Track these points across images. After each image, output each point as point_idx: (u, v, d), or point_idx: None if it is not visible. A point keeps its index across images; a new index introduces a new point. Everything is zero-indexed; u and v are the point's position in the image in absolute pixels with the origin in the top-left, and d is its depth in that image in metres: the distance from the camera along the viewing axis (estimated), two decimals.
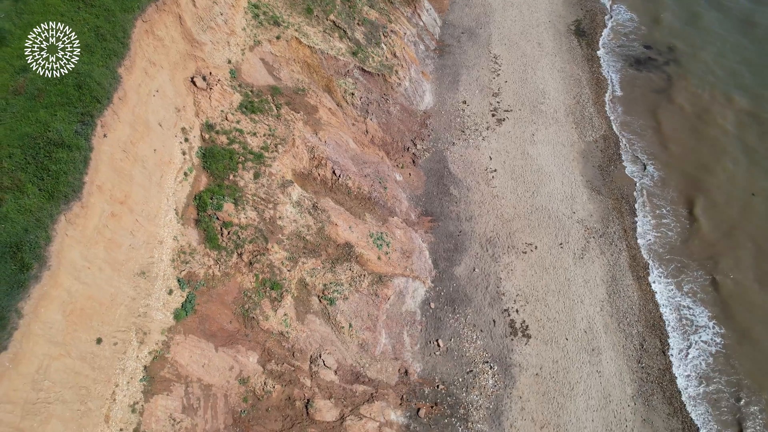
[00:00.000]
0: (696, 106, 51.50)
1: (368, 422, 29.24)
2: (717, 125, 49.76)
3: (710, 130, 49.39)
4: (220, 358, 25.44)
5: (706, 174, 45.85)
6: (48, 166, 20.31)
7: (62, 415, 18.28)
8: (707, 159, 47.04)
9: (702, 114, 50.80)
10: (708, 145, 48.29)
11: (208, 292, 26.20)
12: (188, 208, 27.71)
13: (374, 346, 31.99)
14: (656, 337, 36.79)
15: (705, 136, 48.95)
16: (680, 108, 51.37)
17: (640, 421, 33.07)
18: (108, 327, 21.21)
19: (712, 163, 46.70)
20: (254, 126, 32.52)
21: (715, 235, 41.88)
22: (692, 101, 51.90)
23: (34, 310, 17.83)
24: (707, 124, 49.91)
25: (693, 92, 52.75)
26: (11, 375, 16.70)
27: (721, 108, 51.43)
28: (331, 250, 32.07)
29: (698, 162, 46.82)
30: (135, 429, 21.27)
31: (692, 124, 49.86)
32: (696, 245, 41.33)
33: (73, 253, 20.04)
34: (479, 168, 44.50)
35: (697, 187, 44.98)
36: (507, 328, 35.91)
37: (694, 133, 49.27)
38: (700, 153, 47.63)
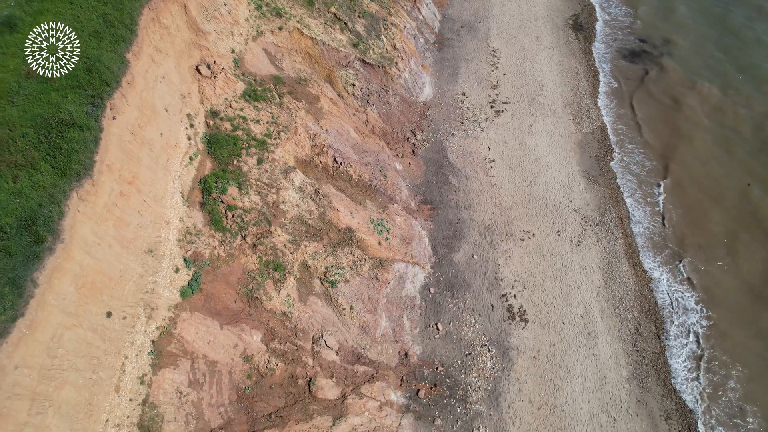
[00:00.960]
0: (689, 97, 52.26)
1: (369, 401, 29.97)
2: (710, 116, 50.54)
3: (704, 122, 50.15)
4: (224, 335, 26.17)
5: (699, 164, 46.60)
6: (60, 145, 21.05)
7: (75, 382, 19.01)
8: (701, 149, 47.79)
9: (695, 105, 51.56)
10: (702, 136, 49.03)
11: (213, 271, 26.95)
12: (193, 191, 28.46)
13: (375, 329, 32.72)
14: (651, 322, 37.49)
15: (699, 128, 49.70)
16: (674, 99, 52.13)
17: (634, 402, 33.78)
18: (117, 302, 21.95)
19: (706, 154, 47.45)
20: (257, 114, 33.25)
21: (709, 224, 42.60)
22: (685, 93, 52.66)
23: (48, 281, 18.57)
24: (700, 115, 50.66)
25: (685, 84, 53.52)
26: (28, 341, 17.44)
27: (713, 99, 52.22)
28: (332, 234, 32.80)
29: (692, 152, 47.57)
30: (144, 400, 22.00)
31: (685, 115, 50.64)
32: (691, 233, 42.04)
33: (85, 229, 20.78)
34: (478, 158, 45.24)
35: (690, 177, 45.72)
36: (505, 313, 36.63)
37: (688, 124, 50.03)
38: (694, 143, 48.37)
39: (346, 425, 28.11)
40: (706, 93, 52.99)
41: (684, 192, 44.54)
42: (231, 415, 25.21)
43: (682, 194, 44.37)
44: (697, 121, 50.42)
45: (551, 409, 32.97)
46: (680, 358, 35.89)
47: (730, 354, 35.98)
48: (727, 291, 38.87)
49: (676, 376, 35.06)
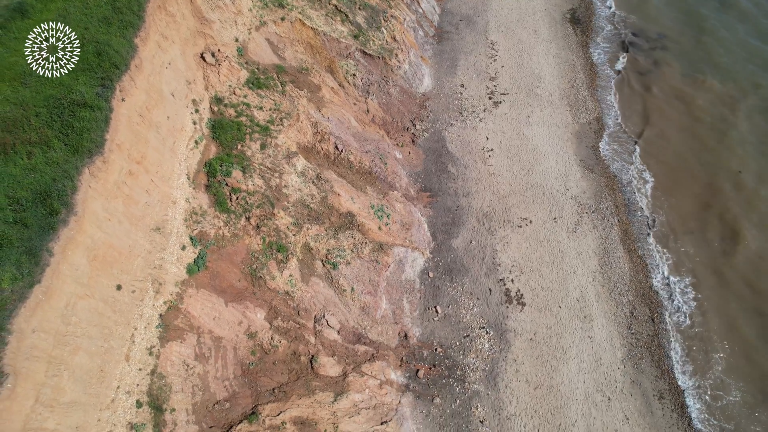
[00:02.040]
0: (682, 88, 53.09)
1: (369, 379, 30.78)
2: (702, 107, 51.33)
3: (696, 112, 50.97)
4: (229, 312, 26.99)
5: (692, 153, 47.44)
6: (72, 123, 21.85)
7: (88, 348, 19.83)
8: (694, 139, 48.63)
9: (688, 97, 52.37)
10: (694, 126, 49.85)
11: (219, 251, 27.77)
12: (199, 174, 29.27)
13: (375, 310, 33.53)
14: (645, 306, 38.30)
15: (691, 118, 50.54)
16: (670, 91, 52.95)
17: (629, 382, 34.59)
18: (127, 276, 22.76)
19: (699, 143, 48.28)
20: (260, 101, 34.07)
21: (702, 210, 43.42)
22: (679, 84, 53.50)
23: (62, 251, 19.38)
24: (693, 106, 51.50)
25: (682, 76, 54.33)
26: (44, 307, 18.26)
27: (706, 91, 53.05)
28: (334, 218, 33.61)
29: (684, 141, 48.38)
30: (152, 370, 22.81)
31: (679, 106, 51.45)
32: (683, 219, 42.86)
33: (96, 205, 21.59)
34: (476, 147, 46.05)
35: (684, 165, 46.56)
36: (502, 297, 37.44)
37: (681, 114, 50.86)
38: (687, 133, 49.21)
39: (348, 401, 28.92)
40: (703, 85, 53.74)
41: (678, 179, 45.36)
42: (236, 389, 26.03)
43: (673, 181, 45.23)
44: (693, 112, 51.18)
45: (548, 389, 33.78)
46: (673, 340, 36.68)
47: (721, 334, 36.81)
48: (718, 274, 39.75)
49: (669, 357, 35.86)
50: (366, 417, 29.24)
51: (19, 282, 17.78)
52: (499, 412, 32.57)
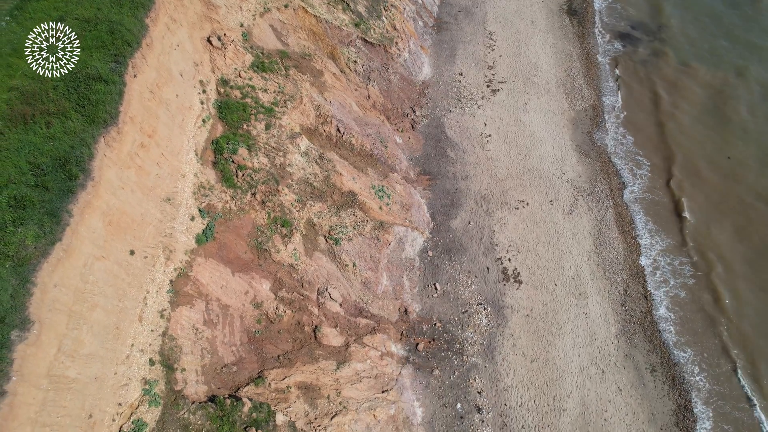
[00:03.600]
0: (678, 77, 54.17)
1: (371, 350, 31.88)
2: (695, 96, 52.44)
3: (689, 100, 52.06)
4: (236, 282, 28.11)
5: (685, 139, 48.55)
6: (88, 96, 22.97)
7: (105, 306, 20.94)
8: (686, 126, 49.71)
9: (684, 85, 53.44)
10: (688, 114, 50.92)
11: (226, 223, 28.88)
12: (206, 151, 30.39)
13: (376, 285, 34.63)
14: (639, 284, 39.38)
15: (685, 105, 51.59)
16: (665, 80, 54.02)
17: (622, 356, 35.69)
18: (139, 242, 23.87)
19: (692, 130, 49.39)
20: (265, 83, 35.19)
21: (694, 195, 44.53)
22: (675, 74, 54.57)
23: (80, 213, 20.50)
24: (686, 94, 52.59)
25: (677, 65, 55.39)
26: (65, 264, 19.37)
27: (701, 80, 54.12)
28: (336, 197, 34.72)
29: (678, 128, 49.49)
30: (163, 332, 23.92)
31: (673, 95, 52.52)
32: (675, 201, 44.01)
33: (111, 173, 22.70)
34: (475, 133, 47.15)
35: (677, 150, 47.66)
36: (500, 275, 38.53)
37: (675, 103, 51.89)
38: (680, 121, 50.25)
39: (350, 369, 30.02)
40: (698, 75, 54.72)
41: (671, 163, 46.51)
42: (242, 354, 27.14)
43: (668, 165, 46.33)
44: (688, 101, 52.21)
45: (543, 362, 34.87)
46: (666, 317, 37.75)
47: (716, 310, 37.94)
48: (711, 252, 40.91)
49: (661, 331, 36.95)
50: (367, 385, 30.33)
51: (41, 239, 18.92)
52: (497, 383, 33.67)
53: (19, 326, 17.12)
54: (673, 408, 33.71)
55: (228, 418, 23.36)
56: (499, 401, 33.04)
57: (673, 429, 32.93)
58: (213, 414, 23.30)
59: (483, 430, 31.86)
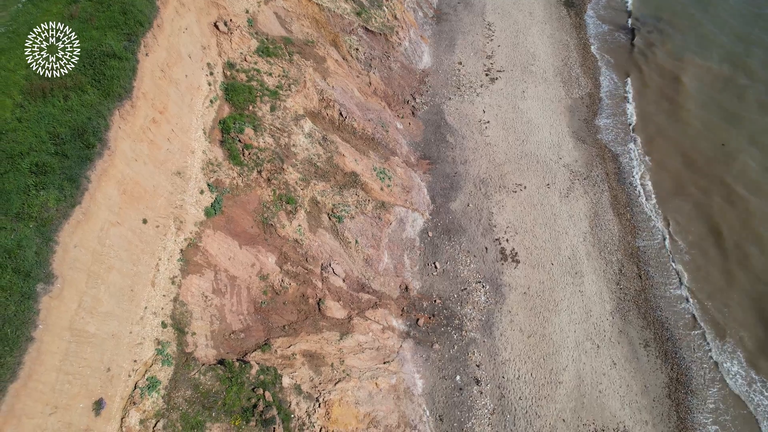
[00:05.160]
0: (674, 68, 55.22)
1: (372, 324, 32.97)
2: (694, 86, 53.45)
3: (685, 90, 53.10)
4: (243, 254, 29.22)
5: (680, 126, 49.63)
6: (103, 71, 24.10)
7: (120, 269, 22.06)
8: (682, 114, 50.78)
9: (680, 75, 54.50)
10: (683, 103, 51.96)
11: (233, 198, 29.99)
12: (214, 130, 31.51)
13: (377, 263, 35.72)
14: (633, 264, 40.44)
15: (680, 95, 52.67)
16: (661, 70, 55.07)
17: (617, 332, 36.74)
18: (151, 212, 25.00)
19: (687, 118, 50.44)
20: (270, 67, 36.30)
21: (689, 180, 45.61)
22: (672, 64, 55.62)
23: (98, 180, 21.63)
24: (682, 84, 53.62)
25: (672, 56, 56.46)
26: (84, 226, 20.50)
27: (697, 70, 55.17)
28: (339, 177, 35.82)
29: (673, 116, 50.55)
30: (174, 297, 25.02)
31: (669, 84, 53.58)
32: (670, 185, 45.10)
33: (125, 145, 23.84)
34: (473, 120, 48.25)
35: (672, 138, 48.73)
36: (498, 255, 39.61)
37: (671, 92, 52.99)
38: (676, 110, 51.32)
39: (353, 340, 31.11)
40: (694, 65, 55.78)
41: (663, 151, 47.64)
42: (249, 323, 28.25)
43: (663, 152, 47.43)
44: (683, 91, 53.25)
45: (540, 337, 35.94)
46: (661, 296, 38.83)
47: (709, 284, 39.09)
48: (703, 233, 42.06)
49: (655, 309, 38.00)
50: (370, 356, 31.42)
51: (62, 202, 20.05)
52: (495, 357, 34.74)
53: (44, 280, 18.24)
54: (665, 380, 34.76)
55: (237, 379, 24.45)
56: (497, 374, 34.11)
57: (665, 400, 33.99)
58: (222, 375, 24.40)
59: (482, 401, 32.92)
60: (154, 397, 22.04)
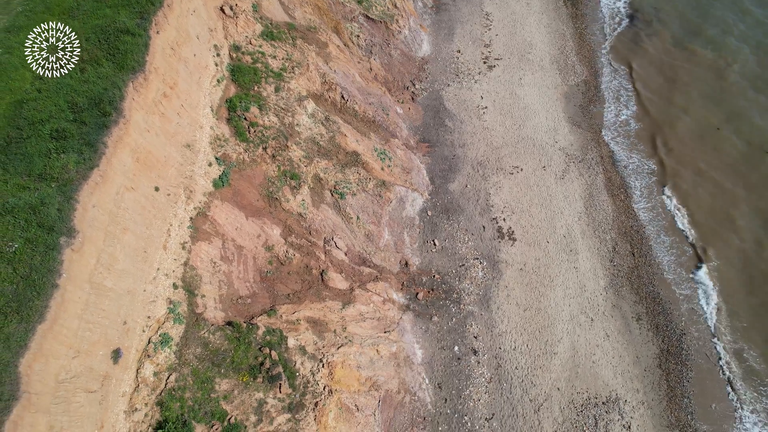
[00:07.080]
0: (672, 57, 56.39)
1: (373, 296, 34.20)
2: (688, 75, 54.64)
3: (682, 78, 54.27)
4: (249, 225, 30.46)
5: (677, 111, 50.82)
6: (118, 46, 25.36)
7: (135, 231, 23.31)
8: (678, 101, 51.96)
9: (678, 64, 55.66)
10: (678, 91, 53.15)
11: (240, 172, 31.24)
12: (221, 108, 32.75)
13: (378, 238, 36.96)
14: (627, 242, 41.65)
15: (677, 83, 53.85)
16: (655, 59, 56.23)
17: (610, 306, 37.96)
18: (163, 181, 26.24)
19: (683, 104, 51.64)
20: (274, 51, 37.54)
21: (684, 165, 46.82)
22: (669, 53, 56.80)
23: (114, 146, 22.86)
24: (679, 73, 54.79)
25: (670, 45, 57.64)
26: (101, 188, 21.74)
27: (696, 59, 56.33)
28: (341, 156, 37.06)
29: (670, 103, 51.75)
30: (185, 261, 26.28)
31: (666, 74, 54.75)
32: (666, 170, 46.31)
33: (138, 116, 25.08)
34: (472, 105, 49.48)
35: (668, 123, 49.92)
36: (495, 233, 40.83)
37: (667, 82, 54.18)
38: (672, 97, 52.50)
39: (354, 310, 32.34)
40: (692, 55, 56.88)
41: (661, 135, 48.79)
42: (256, 290, 29.49)
43: (657, 136, 48.62)
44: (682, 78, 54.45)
45: (536, 311, 37.17)
46: (654, 273, 40.05)
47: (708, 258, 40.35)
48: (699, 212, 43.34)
49: (648, 284, 39.23)
50: (371, 325, 32.65)
51: (81, 165, 21.31)
52: (492, 329, 35.97)
53: (66, 234, 19.49)
54: (656, 352, 35.96)
55: (244, 339, 25.71)
56: (494, 345, 35.33)
57: (656, 370, 35.20)
58: (230, 335, 25.66)
59: (479, 370, 34.15)
60: (167, 352, 23.29)
